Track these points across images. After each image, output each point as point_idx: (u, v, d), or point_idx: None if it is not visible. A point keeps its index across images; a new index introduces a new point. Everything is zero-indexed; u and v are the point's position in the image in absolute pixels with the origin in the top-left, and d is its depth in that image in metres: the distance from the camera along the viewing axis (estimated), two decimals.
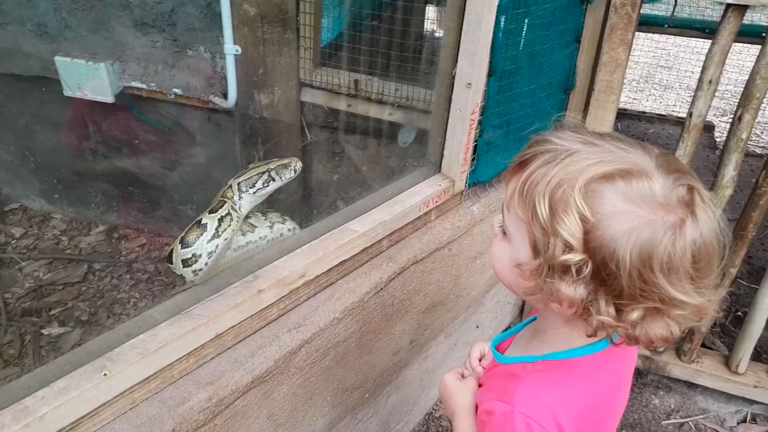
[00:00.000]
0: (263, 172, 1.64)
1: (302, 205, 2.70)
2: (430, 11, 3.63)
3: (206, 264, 1.47)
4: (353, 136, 2.49)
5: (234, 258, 1.80)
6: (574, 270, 0.72)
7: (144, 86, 2.62)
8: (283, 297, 1.44)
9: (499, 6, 1.67)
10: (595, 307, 0.74)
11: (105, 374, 1.13)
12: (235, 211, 1.59)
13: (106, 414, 1.16)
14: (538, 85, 2.18)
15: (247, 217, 1.77)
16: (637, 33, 2.04)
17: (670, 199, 0.71)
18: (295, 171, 1.65)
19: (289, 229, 1.83)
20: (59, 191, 3.29)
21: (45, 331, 2.58)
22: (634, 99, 5.94)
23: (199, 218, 1.54)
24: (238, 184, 1.61)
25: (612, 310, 0.74)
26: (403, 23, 2.51)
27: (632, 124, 4.49)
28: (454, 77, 1.74)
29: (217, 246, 1.49)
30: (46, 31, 2.73)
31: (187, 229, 1.51)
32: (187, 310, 1.30)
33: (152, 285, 2.80)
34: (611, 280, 0.72)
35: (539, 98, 2.21)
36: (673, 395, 2.41)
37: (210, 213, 1.54)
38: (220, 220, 1.52)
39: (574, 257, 0.71)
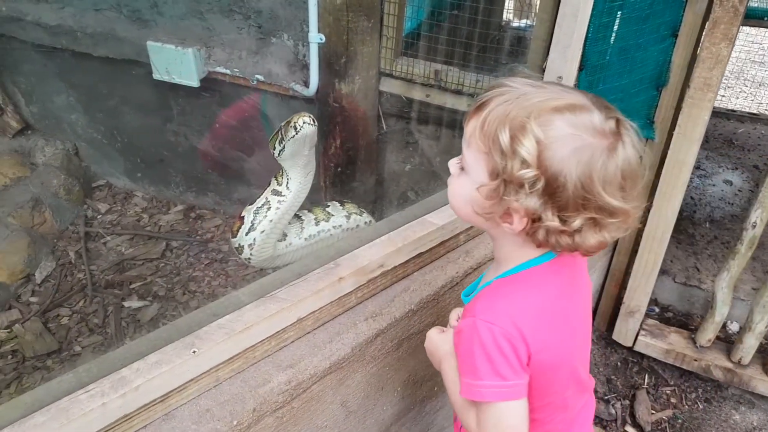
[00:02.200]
0: (276, 133, 1.61)
1: (373, 194, 2.71)
2: (510, 1, 3.54)
3: (251, 254, 1.56)
4: (430, 127, 2.48)
5: (304, 245, 1.84)
6: (527, 185, 0.86)
7: (228, 72, 2.69)
8: (361, 286, 1.45)
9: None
10: (544, 218, 0.88)
11: (194, 351, 1.17)
12: (279, 188, 1.62)
13: (192, 389, 1.20)
14: (630, 80, 2.09)
15: (326, 206, 1.80)
16: None
17: (604, 128, 0.87)
18: (296, 128, 1.51)
19: (365, 222, 1.84)
20: (142, 170, 3.44)
21: (126, 304, 2.72)
22: (722, 96, 5.61)
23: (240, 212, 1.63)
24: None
25: (557, 220, 0.88)
26: (483, 13, 2.45)
27: (719, 123, 4.24)
28: (544, 70, 1.69)
29: (254, 239, 1.57)
30: (140, 17, 2.85)
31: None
32: (271, 293, 1.32)
33: (226, 265, 2.89)
34: (558, 192, 0.86)
35: (629, 94, 2.13)
36: (757, 412, 2.28)
37: (248, 206, 1.63)
38: (256, 212, 1.59)
39: (530, 172, 0.85)
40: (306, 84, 2.48)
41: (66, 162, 3.45)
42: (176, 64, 2.67)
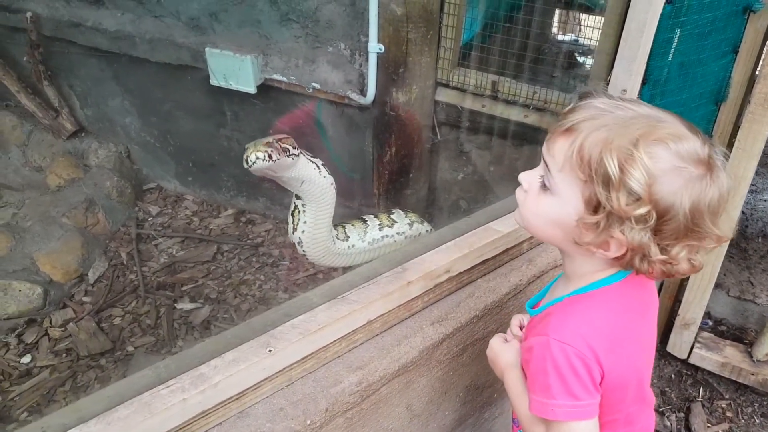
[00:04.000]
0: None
1: (425, 202, 2.71)
2: (564, 14, 3.53)
3: (303, 250, 1.67)
4: (483, 137, 2.47)
5: (367, 248, 1.86)
6: (635, 220, 0.84)
7: (284, 79, 2.73)
8: (428, 290, 1.44)
9: (661, 15, 1.61)
10: (646, 250, 0.87)
11: (270, 350, 1.18)
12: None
13: (266, 388, 1.21)
14: (690, 95, 2.09)
15: (390, 212, 1.83)
16: None
17: (704, 156, 0.86)
18: (247, 162, 1.36)
19: (426, 230, 1.85)
20: (193, 174, 3.51)
21: (178, 305, 2.75)
22: None
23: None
24: None
25: (659, 250, 0.87)
26: (535, 25, 2.45)
27: None
28: (607, 83, 1.68)
29: (299, 238, 1.65)
30: (198, 24, 2.92)
31: None
32: (342, 295, 1.33)
33: (276, 269, 2.92)
34: (666, 225, 0.85)
35: (689, 108, 2.12)
36: None
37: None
38: (291, 214, 1.66)
39: (643, 208, 0.83)
40: (362, 92, 2.50)
41: (118, 164, 3.53)
42: (234, 70, 2.72)
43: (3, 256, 2.78)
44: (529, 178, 1.00)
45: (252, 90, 2.74)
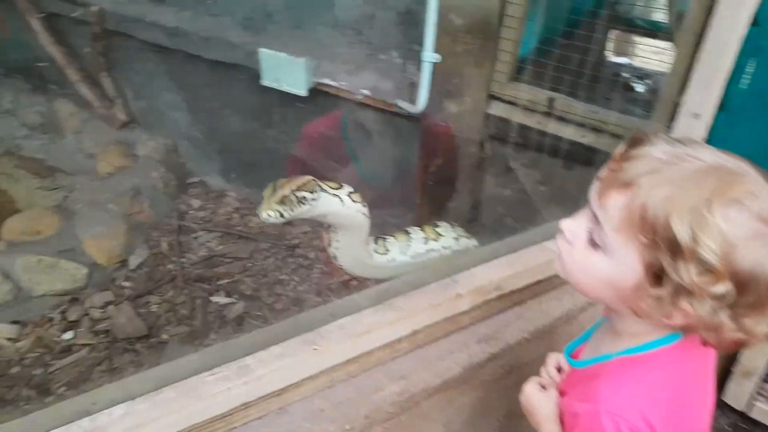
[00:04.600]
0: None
1: (468, 216, 2.68)
2: (620, 36, 3.48)
3: (340, 263, 1.60)
4: (533, 154, 2.43)
5: (409, 262, 1.80)
6: (707, 295, 0.74)
7: (335, 84, 2.74)
8: (477, 306, 1.41)
9: (745, 36, 1.55)
10: (717, 324, 0.76)
11: (315, 348, 1.17)
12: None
13: (308, 387, 1.19)
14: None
15: (436, 225, 1.78)
16: None
17: None
18: (259, 216, 1.28)
19: (474, 245, 1.81)
20: (237, 172, 3.55)
21: (213, 299, 2.78)
22: None
23: None
24: None
25: (731, 322, 0.76)
26: (592, 44, 2.41)
27: None
28: (678, 105, 1.63)
29: (332, 251, 1.59)
30: (253, 24, 2.96)
31: None
32: (389, 301, 1.31)
33: (311, 272, 2.92)
34: (743, 298, 0.74)
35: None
36: None
37: None
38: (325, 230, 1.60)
39: (719, 284, 0.73)
40: (413, 101, 2.49)
41: (166, 157, 3.59)
42: (287, 72, 2.75)
43: (53, 235, 2.85)
44: (573, 228, 0.88)
45: (303, 93, 2.76)
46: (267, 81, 2.86)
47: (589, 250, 0.85)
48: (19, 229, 2.81)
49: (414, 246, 1.75)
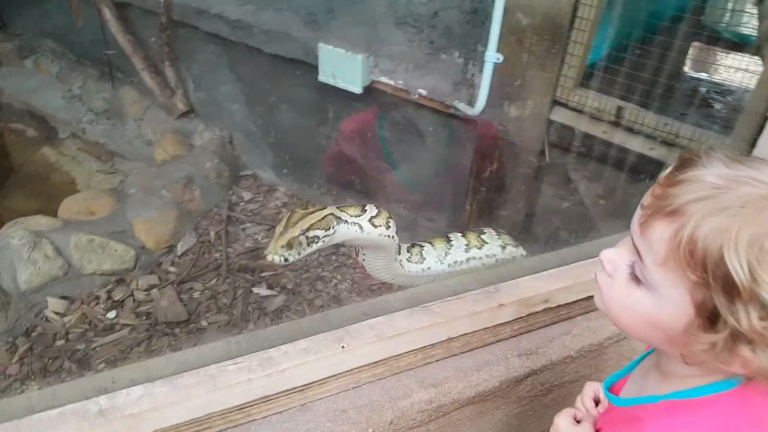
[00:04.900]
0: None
1: (521, 227, 2.57)
2: (701, 51, 3.29)
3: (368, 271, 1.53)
4: (597, 166, 2.30)
5: (446, 270, 1.69)
6: None
7: (392, 82, 2.70)
8: (520, 318, 1.32)
9: None
10: None
11: (343, 347, 1.11)
12: None
13: (332, 386, 1.14)
14: None
15: (481, 231, 1.68)
16: None
17: None
18: (265, 254, 1.23)
19: (522, 255, 1.70)
20: (288, 167, 3.55)
21: (255, 290, 2.77)
22: None
23: None
24: None
25: None
26: (674, 58, 2.27)
27: None
28: (766, 118, 1.49)
29: (362, 264, 1.53)
30: (314, 20, 2.95)
31: None
32: (425, 305, 1.23)
33: (353, 271, 2.87)
34: None
35: None
36: None
37: None
38: None
39: None
40: (471, 103, 2.41)
41: (220, 148, 3.64)
42: (343, 68, 2.72)
43: (106, 216, 2.92)
44: (614, 259, 0.78)
45: (358, 90, 2.72)
46: (323, 77, 2.85)
47: (631, 285, 0.76)
48: (75, 209, 2.89)
49: (453, 254, 1.63)
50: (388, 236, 1.43)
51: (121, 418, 0.94)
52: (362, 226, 1.38)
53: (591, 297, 1.39)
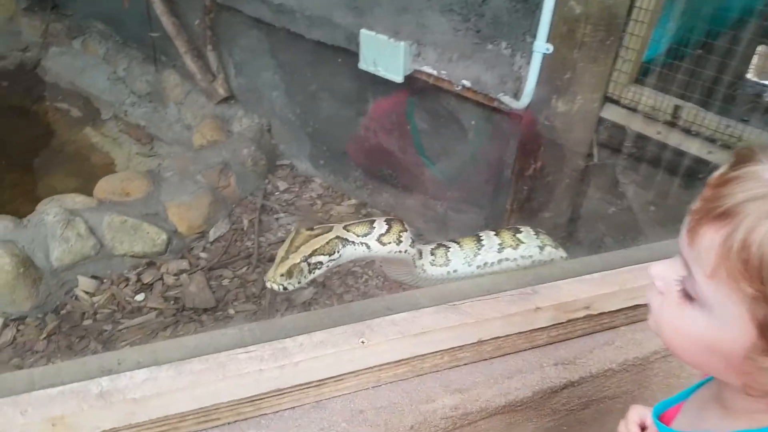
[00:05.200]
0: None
1: (564, 230, 2.44)
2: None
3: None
4: (650, 169, 2.15)
5: (475, 272, 1.57)
6: None
7: (434, 72, 2.59)
8: (557, 324, 1.21)
9: None
10: None
11: (363, 342, 1.03)
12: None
13: (350, 383, 1.06)
14: None
15: (517, 230, 1.56)
16: None
17: None
18: (264, 281, 1.16)
19: (561, 257, 1.57)
20: (325, 158, 3.49)
21: None
22: None
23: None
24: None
25: None
26: (735, 56, 2.09)
27: None
28: None
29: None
30: (357, 6, 2.87)
31: None
32: (454, 303, 1.14)
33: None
34: None
35: None
36: None
37: None
38: None
39: None
40: (516, 96, 2.29)
41: (258, 136, 3.60)
42: (385, 56, 2.64)
43: (140, 198, 2.91)
44: (664, 275, 0.70)
45: (399, 79, 2.63)
46: (364, 64, 2.77)
47: (683, 303, 0.67)
48: (111, 189, 2.90)
49: (484, 254, 1.51)
50: (399, 251, 1.35)
51: (122, 402, 0.89)
52: (369, 246, 1.30)
53: (637, 306, 1.29)
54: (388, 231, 1.31)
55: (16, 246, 2.44)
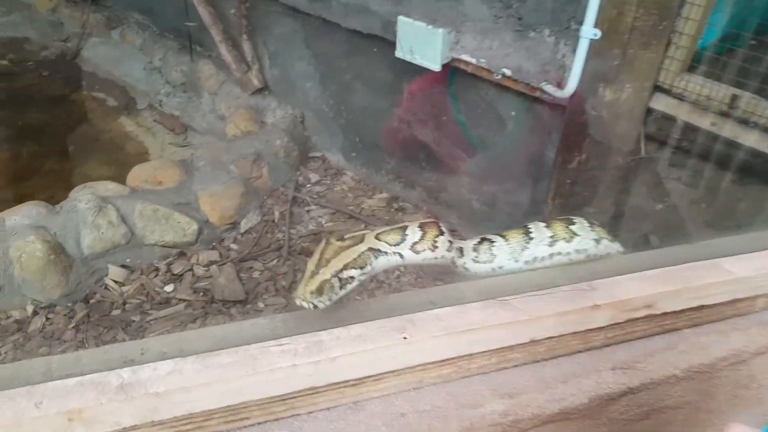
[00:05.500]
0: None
1: (607, 227, 2.31)
2: None
3: None
4: (702, 163, 2.02)
5: (522, 268, 1.47)
6: None
7: (473, 61, 2.50)
8: (615, 324, 1.11)
9: None
10: None
11: (405, 338, 0.94)
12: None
13: (390, 383, 0.97)
14: None
15: (570, 221, 1.44)
16: None
17: None
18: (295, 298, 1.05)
19: (618, 251, 1.46)
20: (358, 150, 3.42)
21: None
22: None
23: None
24: None
25: None
26: None
27: None
28: None
29: None
30: None
31: None
32: (504, 298, 1.05)
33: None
34: None
35: None
36: None
37: None
38: None
39: None
40: (560, 85, 2.18)
41: (291, 127, 3.55)
42: (422, 43, 2.55)
43: (172, 187, 2.89)
44: None
45: (436, 67, 2.54)
46: (401, 52, 2.68)
47: None
48: (143, 177, 2.88)
49: (533, 248, 1.39)
50: (434, 258, 1.24)
51: (144, 396, 0.82)
52: (403, 255, 1.21)
53: (702, 306, 1.17)
54: (422, 238, 1.22)
55: (47, 232, 2.42)
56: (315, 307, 1.04)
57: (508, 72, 2.39)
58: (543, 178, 2.43)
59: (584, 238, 1.40)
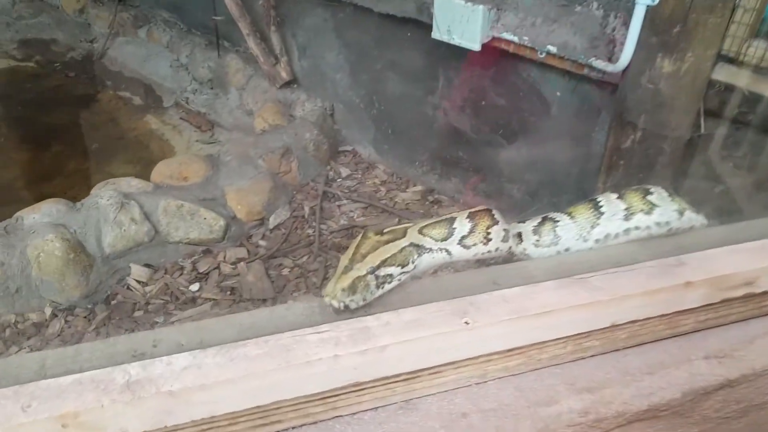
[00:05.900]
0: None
1: None
2: None
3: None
4: None
5: (591, 248, 1.30)
6: None
7: (515, 39, 2.33)
8: (708, 305, 0.94)
9: None
10: None
11: (467, 323, 0.79)
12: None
13: (449, 377, 0.82)
14: None
15: (647, 191, 1.26)
16: None
17: None
18: (323, 295, 0.93)
19: (703, 224, 1.27)
20: (390, 143, 3.28)
21: None
22: None
23: None
24: None
25: None
26: None
27: None
28: None
29: None
30: None
31: None
32: (580, 276, 0.89)
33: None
34: None
35: None
36: None
37: None
38: None
39: None
40: (611, 59, 2.00)
41: (321, 120, 3.44)
42: (461, 22, 2.39)
43: (198, 183, 2.79)
44: None
45: (476, 47, 2.38)
46: (438, 33, 2.53)
47: None
48: (168, 173, 2.78)
49: (605, 225, 1.22)
50: (488, 252, 1.09)
51: (155, 396, 0.67)
52: (450, 251, 1.04)
53: None
54: (472, 231, 1.06)
55: (67, 230, 2.33)
56: (346, 307, 0.88)
57: (553, 49, 2.22)
58: (592, 161, 2.25)
59: (665, 210, 1.20)
